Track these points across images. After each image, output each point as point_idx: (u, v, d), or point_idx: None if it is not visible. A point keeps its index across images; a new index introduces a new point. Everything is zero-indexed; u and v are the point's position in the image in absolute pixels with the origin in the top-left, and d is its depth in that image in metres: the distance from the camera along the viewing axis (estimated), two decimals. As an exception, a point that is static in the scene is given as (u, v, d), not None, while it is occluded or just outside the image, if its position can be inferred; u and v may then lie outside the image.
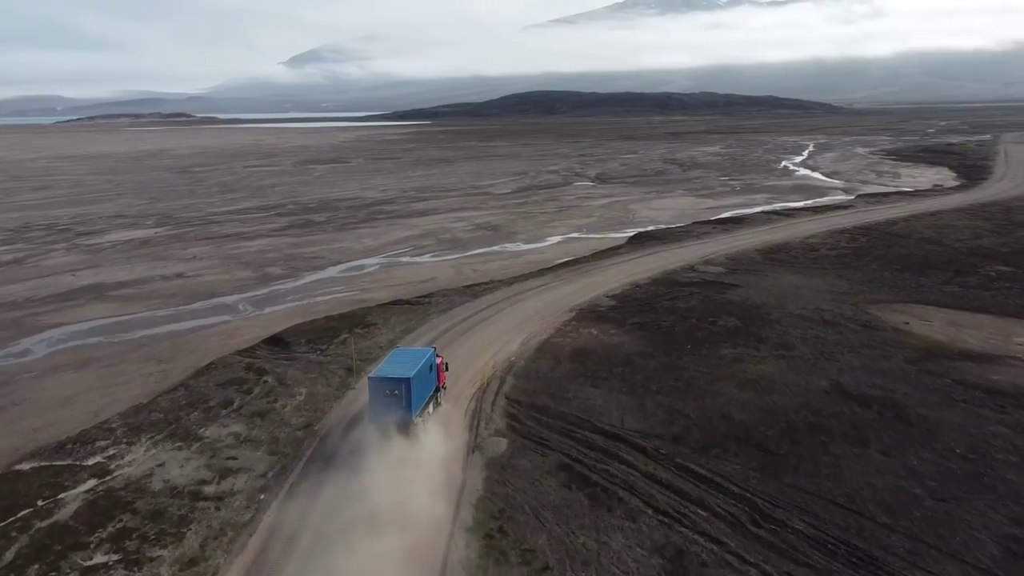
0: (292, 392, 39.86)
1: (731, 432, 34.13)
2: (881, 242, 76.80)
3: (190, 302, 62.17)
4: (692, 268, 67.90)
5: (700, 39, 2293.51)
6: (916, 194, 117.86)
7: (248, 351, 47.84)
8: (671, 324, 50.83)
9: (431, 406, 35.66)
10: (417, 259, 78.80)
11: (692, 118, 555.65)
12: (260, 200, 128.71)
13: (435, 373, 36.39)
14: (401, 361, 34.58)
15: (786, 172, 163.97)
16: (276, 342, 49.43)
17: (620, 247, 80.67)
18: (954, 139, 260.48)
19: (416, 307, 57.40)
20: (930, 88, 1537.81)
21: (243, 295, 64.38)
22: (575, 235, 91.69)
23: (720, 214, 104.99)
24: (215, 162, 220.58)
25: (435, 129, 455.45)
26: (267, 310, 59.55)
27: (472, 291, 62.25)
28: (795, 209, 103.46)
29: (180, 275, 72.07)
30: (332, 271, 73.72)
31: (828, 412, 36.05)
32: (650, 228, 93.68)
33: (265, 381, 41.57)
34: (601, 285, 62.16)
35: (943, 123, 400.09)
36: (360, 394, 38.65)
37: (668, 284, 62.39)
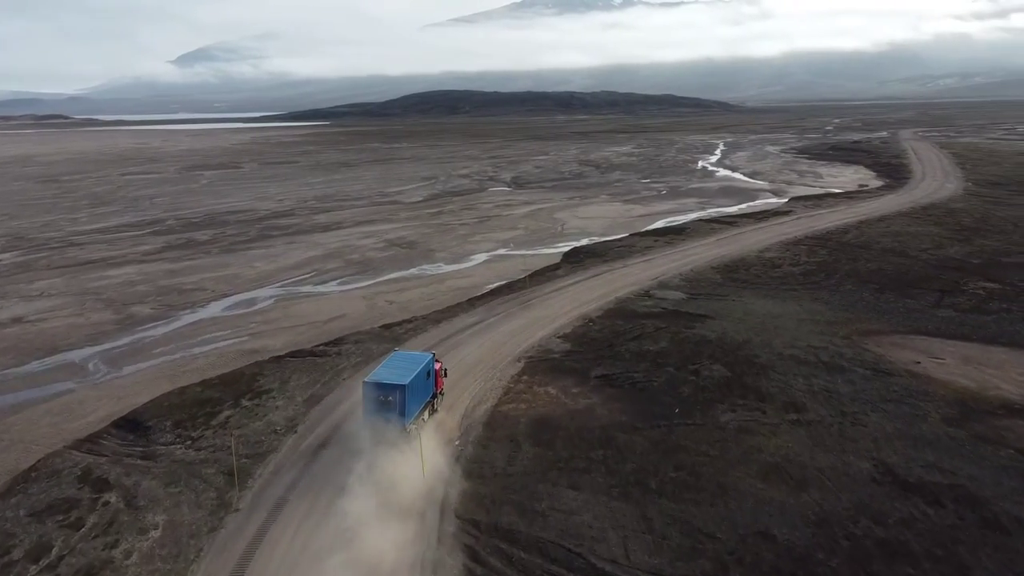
0: (143, 523, 27.50)
1: (783, 566, 24.29)
2: (844, 255, 69.66)
3: (23, 362, 48.08)
4: (647, 294, 58.50)
5: (597, 39, 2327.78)
6: (849, 196, 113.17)
7: (90, 441, 35.03)
8: (645, 377, 40.93)
9: (426, 413, 35.20)
10: (321, 288, 66.47)
11: (596, 117, 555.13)
12: (135, 215, 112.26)
13: (433, 379, 35.92)
14: (398, 366, 33.65)
15: (707, 173, 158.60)
16: (131, 426, 36.70)
17: (557, 267, 70.66)
18: (856, 136, 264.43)
19: (322, 360, 45.53)
20: (814, 86, 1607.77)
21: (96, 348, 50.67)
22: (502, 251, 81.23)
23: (654, 223, 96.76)
24: (89, 169, 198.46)
25: (335, 130, 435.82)
26: (126, 370, 46.30)
27: (392, 333, 50.80)
28: (734, 217, 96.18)
29: (17, 320, 57.34)
30: (215, 308, 60.49)
31: (894, 517, 26.80)
32: (584, 241, 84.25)
33: (106, 503, 29.01)
34: (547, 321, 51.83)
35: (837, 120, 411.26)
36: (247, 522, 27.05)
37: (625, 316, 52.68)
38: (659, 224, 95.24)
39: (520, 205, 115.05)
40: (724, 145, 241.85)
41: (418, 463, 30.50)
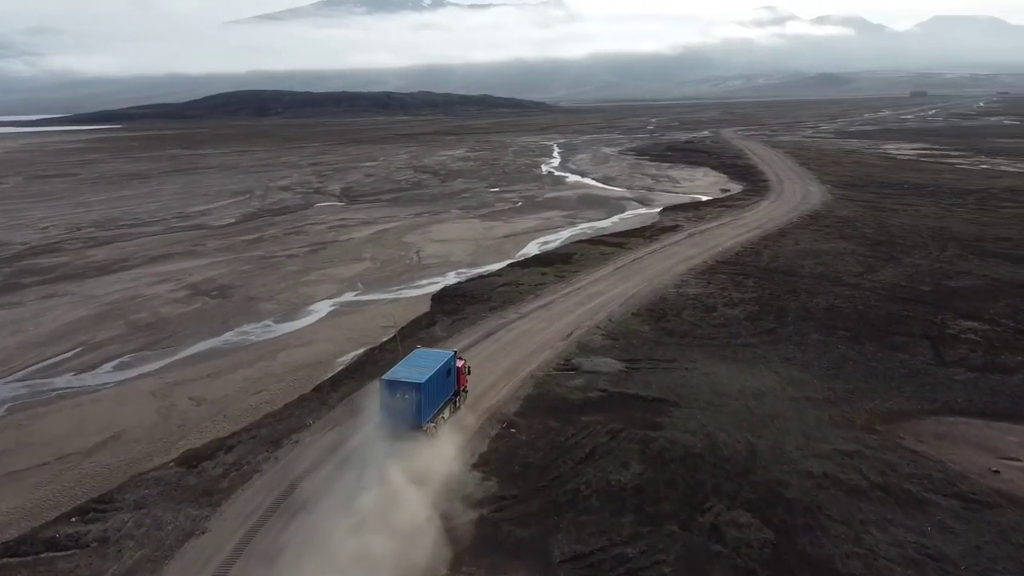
0: None
1: None
2: (776, 286, 57.49)
3: None
4: (570, 365, 42.54)
5: (410, 39, 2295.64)
6: (723, 204, 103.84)
7: None
8: (645, 554, 24.88)
9: (447, 411, 34.48)
10: (87, 380, 44.78)
11: (417, 118, 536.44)
12: None
13: (454, 377, 35.10)
14: (417, 364, 33.06)
15: (557, 179, 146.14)
16: None
17: (430, 320, 53.13)
18: (683, 136, 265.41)
19: (71, 557, 25.53)
20: (618, 87, 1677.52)
21: None
22: (350, 295, 62.46)
23: (527, 245, 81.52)
24: None
25: (127, 134, 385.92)
26: None
27: (200, 474, 31.36)
28: (617, 236, 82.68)
29: None
30: None
31: None
32: (453, 277, 67.22)
33: None
34: (445, 431, 34.38)
35: (654, 120, 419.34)
36: None
37: (556, 411, 36.41)
38: (534, 247, 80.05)
39: (359, 226, 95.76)
40: (559, 147, 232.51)
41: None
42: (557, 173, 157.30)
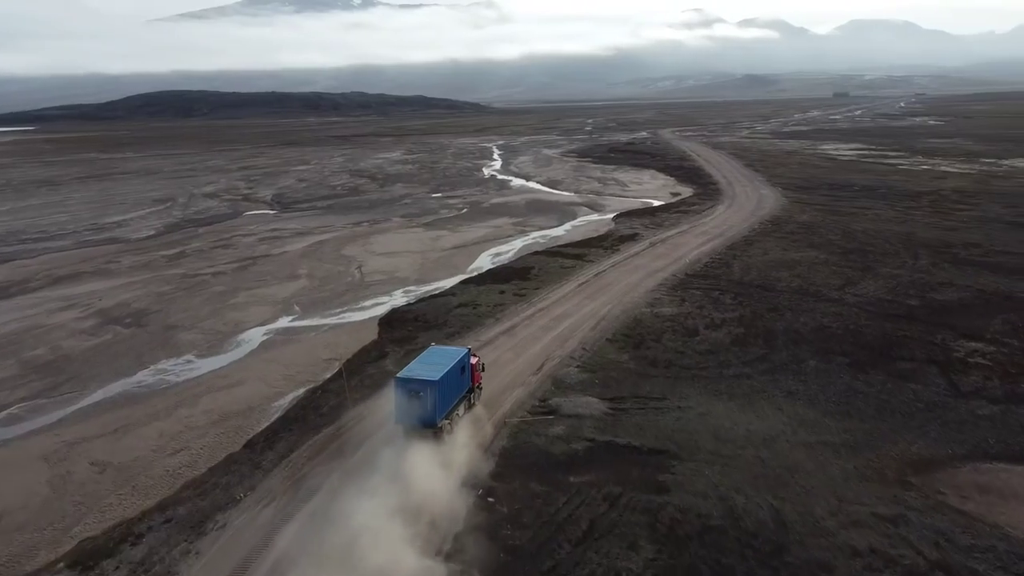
0: None
1: None
2: (756, 303, 52.97)
3: None
4: (547, 407, 36.87)
5: (340, 39, 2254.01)
6: (679, 210, 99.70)
7: None
8: None
9: (462, 408, 34.48)
10: (-39, 441, 37.02)
11: (350, 119, 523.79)
12: None
13: (468, 374, 35.08)
14: (431, 362, 33.02)
15: (501, 183, 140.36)
16: None
17: (379, 352, 46.75)
18: (622, 137, 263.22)
19: None
20: (551, 88, 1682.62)
21: None
22: (285, 321, 55.46)
23: (478, 257, 75.58)
24: None
25: (39, 137, 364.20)
26: None
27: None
28: (574, 246, 77.41)
29: None
30: None
31: None
32: (401, 296, 60.80)
33: None
34: (413, 504, 28.24)
35: (591, 121, 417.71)
36: None
37: (538, 470, 30.72)
38: (486, 260, 74.12)
39: (293, 237, 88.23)
40: (498, 149, 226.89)
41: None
42: (500, 177, 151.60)
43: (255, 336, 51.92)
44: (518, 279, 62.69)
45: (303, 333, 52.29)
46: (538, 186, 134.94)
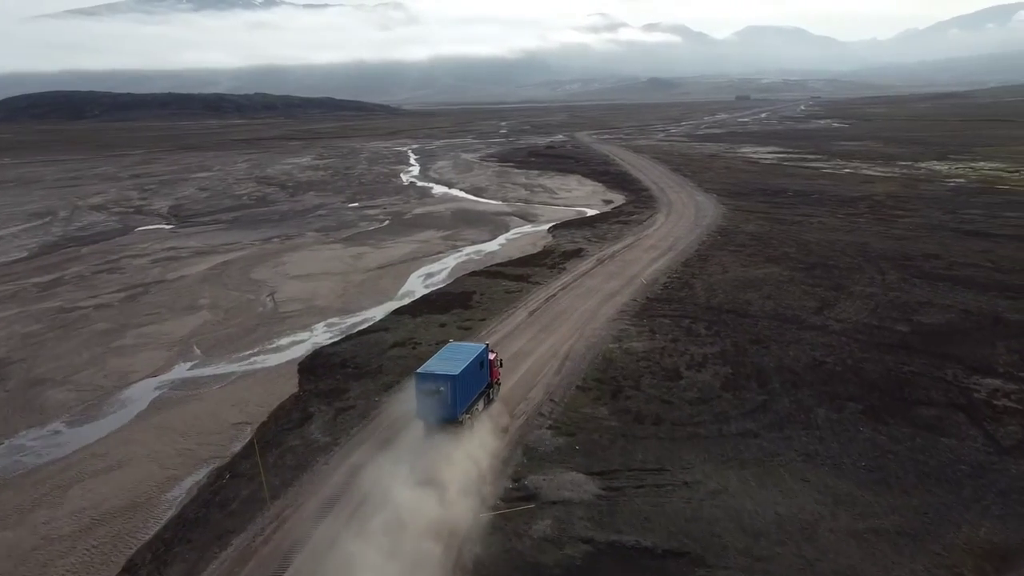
0: None
1: None
2: (736, 334, 46.86)
3: None
4: (520, 487, 29.32)
5: (243, 38, 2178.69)
6: (618, 220, 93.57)
7: None
8: None
9: (481, 403, 34.64)
10: None
11: (254, 121, 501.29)
12: None
13: (487, 370, 35.24)
14: (450, 357, 33.38)
15: (422, 191, 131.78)
16: None
17: (304, 410, 38.12)
18: (539, 140, 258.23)
19: None
20: (461, 90, 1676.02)
21: None
22: (183, 369, 45.99)
23: (408, 279, 67.39)
24: None
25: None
26: None
27: None
28: (517, 266, 69.99)
29: None
30: None
31: None
32: (324, 333, 52.08)
33: None
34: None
35: (505, 124, 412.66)
36: None
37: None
38: (418, 283, 65.97)
39: (193, 257, 77.74)
40: (414, 153, 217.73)
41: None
42: (421, 184, 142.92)
43: (144, 392, 42.33)
44: (459, 307, 54.85)
45: (205, 385, 43.02)
46: (462, 194, 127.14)
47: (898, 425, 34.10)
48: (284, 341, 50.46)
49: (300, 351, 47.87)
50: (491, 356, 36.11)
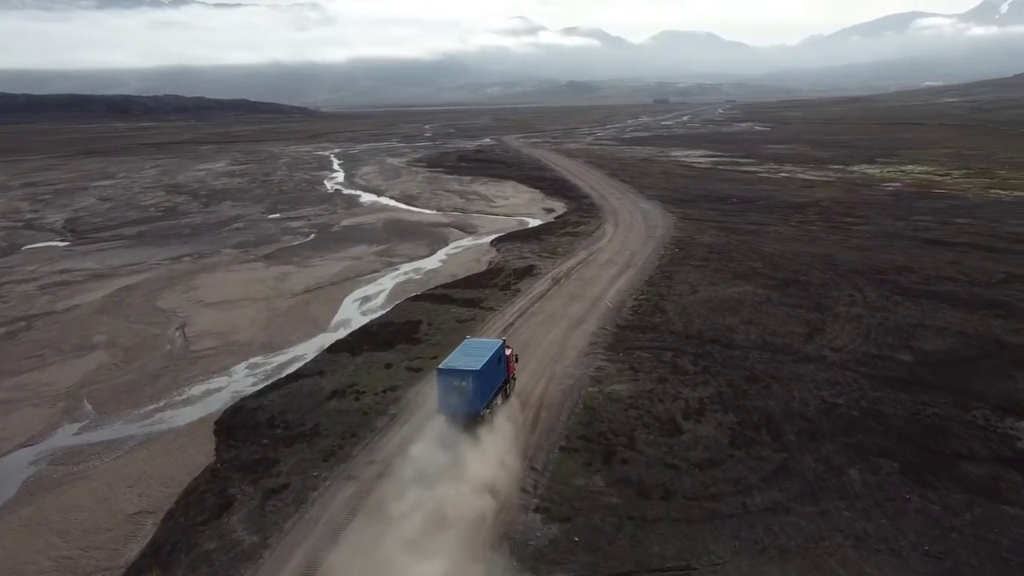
0: None
1: None
2: (728, 370, 41.05)
3: None
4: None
5: (151, 38, 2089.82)
6: (565, 232, 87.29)
7: None
8: None
9: (499, 398, 35.15)
10: None
11: (165, 124, 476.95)
12: None
13: (504, 365, 35.91)
14: (469, 353, 34.00)
15: (350, 200, 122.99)
16: None
17: (222, 494, 30.17)
18: (467, 144, 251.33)
19: None
20: (381, 92, 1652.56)
21: None
22: (68, 434, 37.28)
23: (340, 305, 59.58)
24: None
25: None
26: None
27: None
28: (464, 288, 62.78)
29: None
30: None
31: None
32: (243, 376, 44.00)
33: None
34: None
35: (428, 126, 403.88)
36: None
37: None
38: (354, 309, 58.25)
39: (90, 282, 67.83)
40: (337, 158, 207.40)
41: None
42: (347, 191, 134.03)
43: (14, 470, 33.57)
44: (405, 342, 47.49)
45: (95, 457, 34.54)
46: (393, 202, 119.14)
47: (948, 490, 28.78)
48: (197, 390, 42.17)
49: (216, 404, 39.69)
50: (507, 352, 36.62)
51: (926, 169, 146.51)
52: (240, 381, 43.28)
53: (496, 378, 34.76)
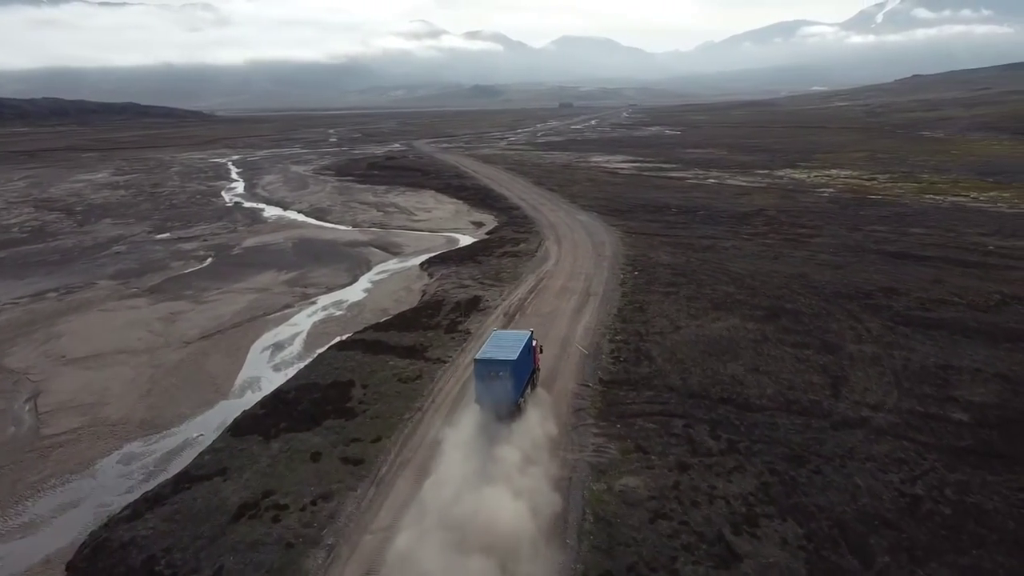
0: None
1: None
2: (761, 446, 32.30)
3: None
4: None
5: (27, 37, 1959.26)
6: (503, 251, 77.44)
7: None
8: None
9: (528, 388, 35.81)
10: None
11: (42, 130, 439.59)
12: None
13: (531, 356, 36.72)
14: (501, 344, 34.78)
15: (251, 215, 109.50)
16: None
17: None
18: (376, 149, 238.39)
19: None
20: (281, 96, 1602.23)
21: None
22: None
23: (245, 359, 48.00)
24: None
25: None
26: None
27: None
28: (396, 328, 52.02)
29: None
30: None
31: None
32: (113, 477, 32.30)
33: None
34: None
35: (333, 131, 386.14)
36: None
37: None
38: (264, 364, 46.79)
39: (-84, 332, 53.49)
40: (236, 166, 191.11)
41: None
42: (248, 204, 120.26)
43: None
44: (335, 415, 36.53)
45: None
46: (301, 217, 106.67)
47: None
48: (45, 505, 30.25)
49: (71, 532, 28.00)
50: (533, 343, 37.05)
51: (851, 173, 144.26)
52: (108, 487, 31.60)
53: (527, 368, 35.58)
